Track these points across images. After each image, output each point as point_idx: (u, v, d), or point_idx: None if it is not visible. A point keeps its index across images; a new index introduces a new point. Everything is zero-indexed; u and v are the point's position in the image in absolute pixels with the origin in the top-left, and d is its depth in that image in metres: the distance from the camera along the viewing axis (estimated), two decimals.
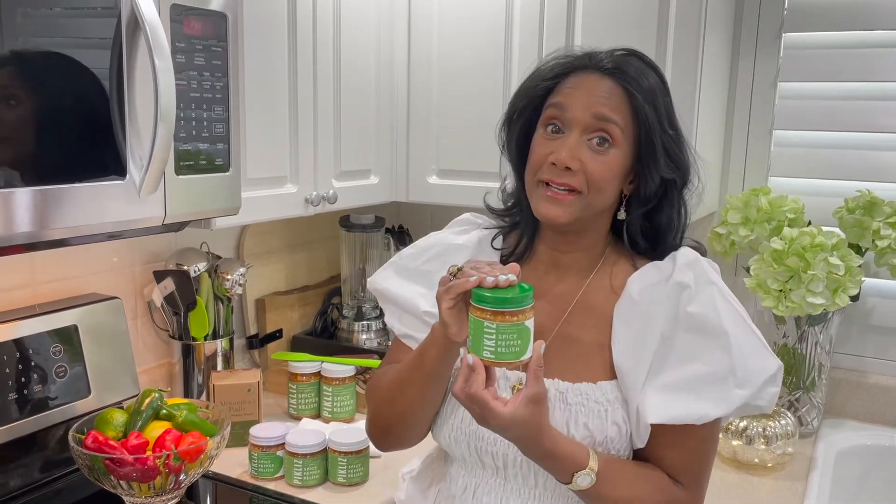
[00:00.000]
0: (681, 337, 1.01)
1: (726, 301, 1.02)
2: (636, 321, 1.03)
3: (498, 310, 0.89)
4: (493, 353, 0.91)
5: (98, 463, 1.22)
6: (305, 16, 1.61)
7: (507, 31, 1.79)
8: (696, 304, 1.00)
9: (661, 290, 1.03)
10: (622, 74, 1.01)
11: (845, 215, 1.77)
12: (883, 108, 1.81)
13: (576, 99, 1.01)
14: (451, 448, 1.12)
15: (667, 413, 0.99)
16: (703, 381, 0.99)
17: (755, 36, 1.91)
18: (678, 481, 1.04)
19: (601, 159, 1.00)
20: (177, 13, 1.18)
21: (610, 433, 1.02)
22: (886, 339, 1.88)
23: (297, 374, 1.81)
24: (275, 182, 1.59)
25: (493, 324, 0.90)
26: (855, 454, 1.74)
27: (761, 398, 1.00)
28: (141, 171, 1.13)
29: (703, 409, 0.98)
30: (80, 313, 1.50)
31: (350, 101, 1.77)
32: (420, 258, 1.19)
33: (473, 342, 0.92)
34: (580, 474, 0.97)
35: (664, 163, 1.02)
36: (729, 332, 0.99)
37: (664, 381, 1.00)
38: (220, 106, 1.27)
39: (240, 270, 1.77)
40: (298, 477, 1.48)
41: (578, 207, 1.02)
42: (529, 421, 0.92)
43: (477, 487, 1.10)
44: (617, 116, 1.00)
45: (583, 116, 1.00)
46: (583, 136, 1.01)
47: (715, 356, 0.99)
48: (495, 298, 0.90)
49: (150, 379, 1.73)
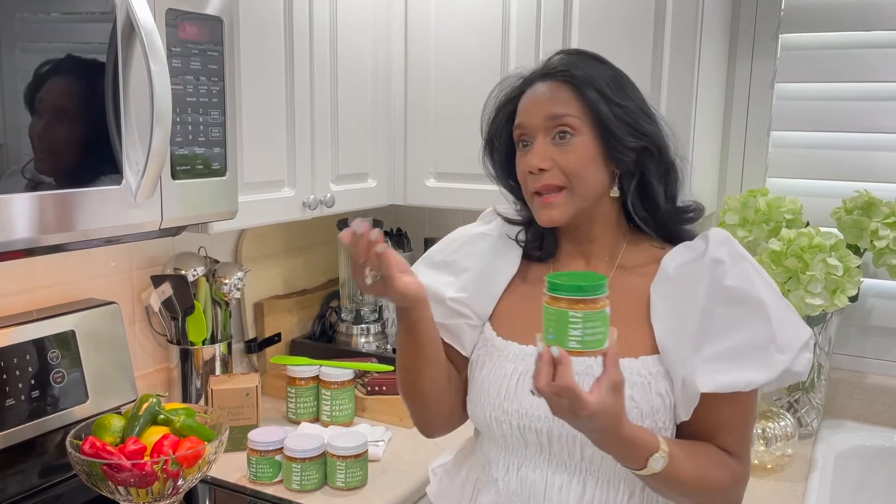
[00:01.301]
0: (720, 310, 1.04)
1: (759, 274, 1.07)
2: (675, 298, 1.06)
3: (583, 298, 0.88)
4: (579, 342, 0.89)
5: (96, 469, 1.22)
6: (302, 19, 1.61)
7: (504, 35, 1.79)
8: (731, 278, 1.04)
9: (696, 266, 1.06)
10: (560, 72, 1.09)
11: (843, 216, 1.77)
12: (880, 109, 1.81)
13: (530, 111, 1.10)
14: (492, 428, 1.13)
15: (716, 382, 1.02)
16: (746, 349, 1.03)
17: (752, 37, 1.91)
18: (729, 453, 1.07)
19: (568, 150, 1.07)
20: (172, 17, 1.18)
21: (655, 404, 1.05)
22: (886, 339, 1.88)
23: (295, 378, 1.80)
24: (272, 186, 1.58)
25: (578, 313, 0.88)
26: (855, 455, 1.74)
27: (798, 364, 1.04)
28: (137, 175, 1.13)
29: (749, 375, 1.02)
30: (78, 319, 1.50)
31: (347, 105, 1.77)
32: (445, 251, 1.24)
33: (556, 333, 0.90)
34: (654, 457, 0.97)
35: (627, 133, 1.07)
36: (766, 302, 1.03)
37: (709, 353, 1.03)
38: (217, 110, 1.27)
39: (238, 274, 1.77)
40: (297, 481, 1.48)
41: (570, 203, 1.08)
42: (612, 409, 0.93)
43: (520, 467, 1.12)
44: (567, 109, 1.07)
45: (538, 122, 1.08)
46: (546, 137, 1.08)
47: (755, 325, 1.03)
48: (576, 286, 0.89)
49: (149, 384, 1.72)
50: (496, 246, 1.21)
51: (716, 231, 1.10)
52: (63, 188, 1.06)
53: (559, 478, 1.09)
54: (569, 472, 1.08)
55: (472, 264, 1.20)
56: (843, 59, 1.83)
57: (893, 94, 1.80)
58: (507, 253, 1.20)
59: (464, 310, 1.18)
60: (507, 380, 1.11)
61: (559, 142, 1.07)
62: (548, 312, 0.91)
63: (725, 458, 1.06)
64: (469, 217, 2.19)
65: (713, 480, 1.04)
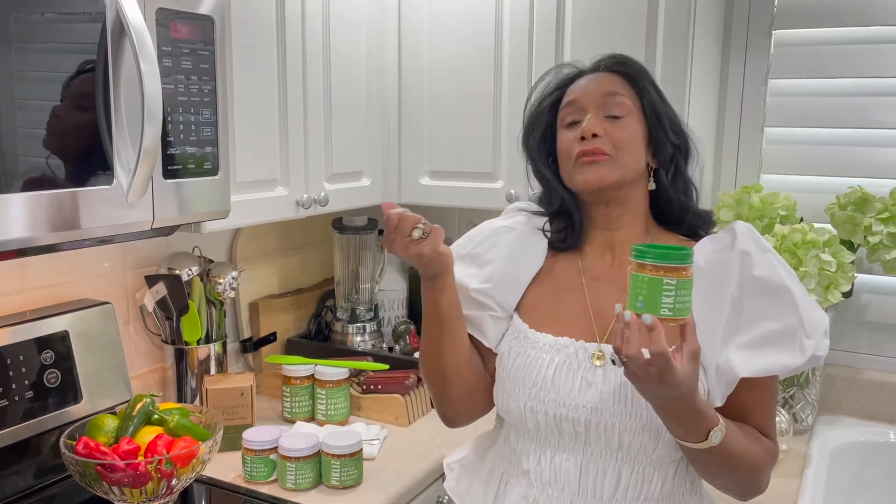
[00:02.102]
0: (750, 299, 1.08)
1: (782, 264, 1.12)
2: (705, 288, 1.09)
3: (675, 266, 0.90)
4: (671, 309, 0.91)
5: (89, 469, 1.22)
6: (294, 18, 1.61)
7: (497, 32, 1.79)
8: (759, 269, 1.09)
9: (725, 258, 1.11)
10: (617, 65, 1.16)
11: (837, 212, 1.77)
12: (874, 104, 1.82)
13: (584, 90, 1.15)
14: (525, 419, 1.13)
15: (754, 367, 1.06)
16: (778, 335, 1.07)
17: (745, 34, 1.91)
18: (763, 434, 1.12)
19: (620, 126, 1.12)
20: (163, 17, 1.18)
21: None
22: (880, 335, 1.88)
23: (290, 378, 1.80)
24: (265, 185, 1.58)
25: (672, 279, 0.90)
26: (849, 451, 1.74)
27: (821, 349, 1.09)
28: (128, 175, 1.13)
29: (784, 360, 1.07)
30: (72, 319, 1.50)
31: (340, 103, 1.77)
32: (469, 244, 1.25)
33: (648, 301, 0.91)
34: (715, 430, 1.01)
35: (670, 128, 1.15)
36: (793, 290, 1.08)
37: (743, 341, 1.08)
38: (208, 109, 1.27)
39: (232, 274, 1.77)
40: (291, 480, 1.48)
41: (614, 168, 1.11)
42: (692, 377, 0.95)
43: (553, 457, 1.12)
44: (624, 91, 1.14)
45: (594, 99, 1.13)
46: (598, 112, 1.13)
47: (784, 312, 1.08)
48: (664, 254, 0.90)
49: (144, 384, 1.72)
50: (521, 238, 1.23)
51: (740, 224, 1.14)
52: (54, 188, 1.05)
53: (594, 466, 1.10)
54: (604, 460, 1.10)
55: (497, 256, 1.21)
56: (837, 55, 1.83)
57: (887, 90, 1.80)
58: (532, 245, 1.22)
59: (488, 301, 1.19)
60: (544, 370, 1.12)
61: (612, 119, 1.12)
62: (638, 280, 0.91)
63: (762, 438, 1.11)
64: (465, 214, 2.20)
65: (757, 457, 1.08)
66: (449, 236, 1.14)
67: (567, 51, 1.71)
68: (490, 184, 1.86)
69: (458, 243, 1.26)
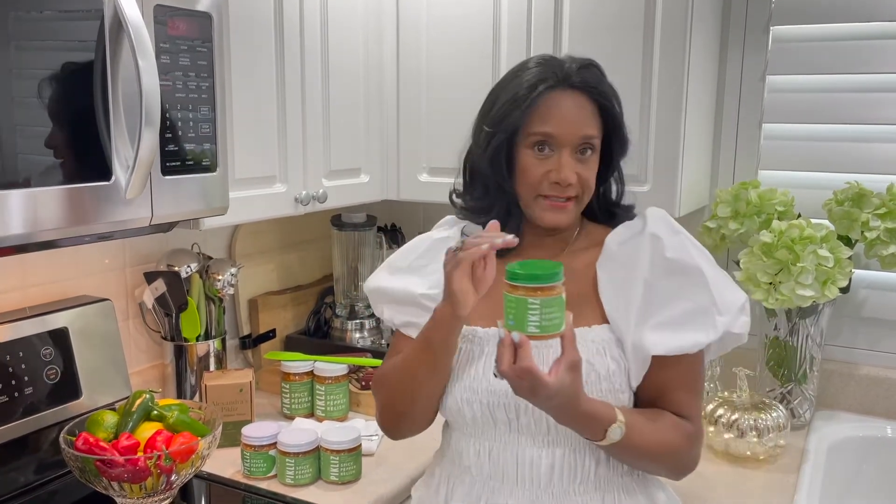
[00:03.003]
0: (662, 280, 1.13)
1: (694, 245, 1.16)
2: (619, 272, 1.16)
3: (540, 285, 0.95)
4: (538, 327, 0.96)
5: (89, 464, 1.22)
6: (292, 15, 1.61)
7: (496, 28, 1.80)
8: (670, 251, 1.13)
9: (636, 242, 1.16)
10: (591, 89, 1.15)
11: (834, 207, 1.77)
12: (871, 100, 1.82)
13: (563, 125, 1.13)
14: (463, 411, 1.15)
15: (665, 346, 1.10)
16: (690, 314, 1.12)
17: (743, 30, 1.91)
18: (682, 416, 1.15)
19: (588, 165, 1.16)
20: (161, 14, 1.18)
21: (611, 367, 1.12)
22: (877, 330, 1.89)
23: (289, 374, 1.81)
24: (264, 182, 1.59)
25: (536, 299, 0.95)
26: (847, 446, 1.74)
27: (737, 326, 1.13)
28: (127, 172, 1.13)
29: (695, 337, 1.11)
30: (71, 315, 1.50)
31: (339, 100, 1.77)
32: (409, 257, 1.27)
33: (516, 319, 0.96)
34: (612, 428, 1.05)
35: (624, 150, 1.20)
36: (704, 270, 1.13)
37: (656, 321, 1.12)
38: (206, 106, 1.27)
39: (231, 271, 1.77)
40: (290, 476, 1.48)
41: (577, 210, 1.18)
42: (570, 387, 0.99)
43: (491, 450, 1.16)
44: (595, 130, 1.15)
45: (571, 139, 1.14)
46: (572, 153, 1.15)
47: (696, 291, 1.12)
48: (533, 275, 0.95)
49: (143, 380, 1.73)
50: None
51: (653, 210, 1.20)
52: (53, 185, 1.06)
53: (528, 452, 1.13)
54: (537, 444, 1.13)
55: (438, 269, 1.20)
56: (835, 52, 1.83)
57: (885, 86, 1.80)
58: None
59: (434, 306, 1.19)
60: (474, 361, 1.16)
61: (581, 157, 1.15)
62: (507, 300, 0.97)
63: (679, 421, 1.14)
64: None
65: (670, 444, 1.13)
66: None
67: (565, 47, 1.72)
68: None
69: (395, 256, 1.30)
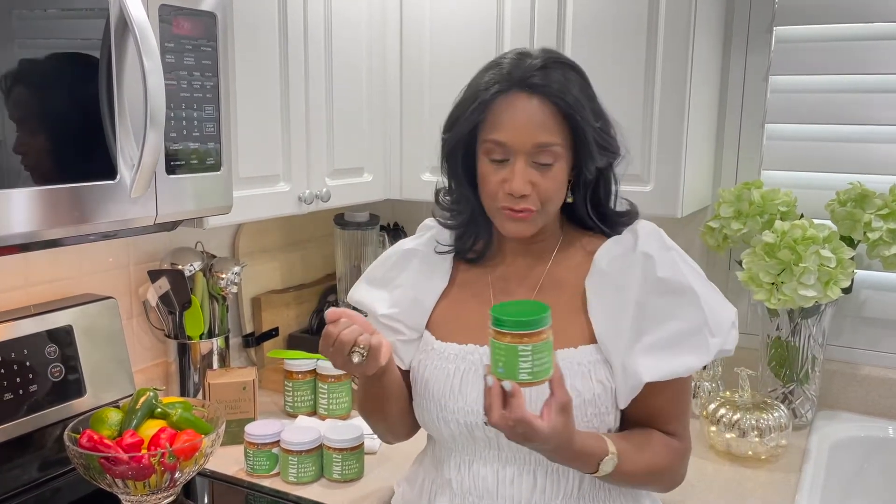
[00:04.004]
0: (654, 300, 1.09)
1: (686, 262, 1.12)
2: (609, 291, 1.11)
3: (529, 332, 0.91)
4: (530, 374, 0.93)
5: (93, 462, 1.23)
6: (296, 15, 1.61)
7: (499, 30, 1.80)
8: (662, 269, 1.09)
9: (628, 260, 1.11)
10: (550, 92, 1.05)
11: (837, 208, 1.77)
12: (874, 101, 1.82)
13: (515, 131, 1.06)
14: (440, 430, 1.15)
15: (658, 371, 1.07)
16: (682, 336, 1.08)
17: (746, 30, 1.91)
18: (670, 433, 1.13)
19: (549, 176, 1.08)
20: (166, 13, 1.18)
21: (596, 391, 1.09)
22: (879, 330, 1.89)
23: (292, 372, 1.81)
24: (267, 181, 1.59)
25: (528, 346, 0.91)
26: (848, 446, 1.75)
27: (728, 343, 1.10)
28: (132, 171, 1.13)
29: (688, 361, 1.08)
30: (75, 313, 1.51)
31: (342, 99, 1.77)
32: (384, 267, 1.28)
33: (506, 367, 0.93)
34: (605, 461, 1.04)
35: (599, 156, 1.10)
36: (696, 289, 1.09)
37: (647, 343, 1.08)
38: (211, 105, 1.28)
39: (234, 269, 1.78)
40: (293, 474, 1.49)
41: (541, 220, 1.12)
42: (563, 430, 0.97)
43: (471, 464, 1.14)
44: (555, 138, 1.06)
45: (524, 147, 1.06)
46: (528, 159, 1.07)
47: (688, 312, 1.08)
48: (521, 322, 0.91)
49: (147, 378, 1.73)
50: (426, 260, 1.24)
51: (644, 224, 1.15)
52: (58, 183, 1.06)
53: (510, 471, 1.11)
54: (518, 464, 1.11)
55: (405, 281, 1.23)
56: (838, 52, 1.83)
57: (888, 87, 1.80)
58: (436, 267, 1.23)
59: (396, 325, 1.21)
60: (451, 379, 1.13)
61: (539, 167, 1.07)
62: (496, 347, 0.93)
63: (669, 442, 1.13)
64: None
65: (661, 465, 1.12)
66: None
67: (568, 49, 1.72)
68: None
69: (374, 266, 1.30)
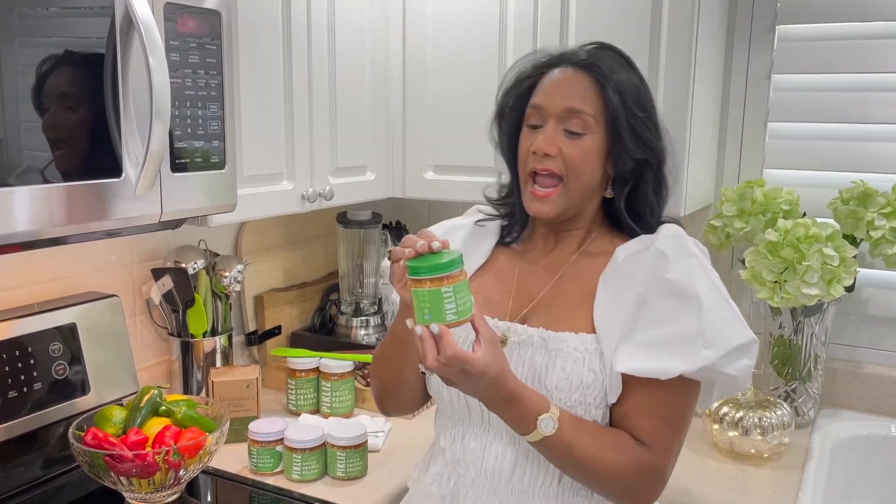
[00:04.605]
0: (657, 300, 1.07)
1: (704, 272, 1.08)
2: (616, 284, 1.11)
3: (447, 274, 0.95)
4: (455, 313, 0.96)
5: (98, 459, 1.23)
6: (300, 13, 1.61)
7: (502, 27, 1.80)
8: (673, 272, 1.07)
9: (642, 256, 1.11)
10: (592, 67, 1.11)
11: (840, 206, 1.77)
12: (877, 100, 1.82)
13: (551, 95, 1.12)
14: (442, 393, 1.18)
15: (633, 365, 1.05)
16: (673, 340, 1.05)
17: (749, 28, 1.91)
18: (642, 441, 1.08)
19: (576, 144, 1.10)
20: (171, 11, 1.18)
21: (586, 378, 1.08)
22: (882, 329, 1.89)
23: (295, 370, 1.82)
24: (271, 179, 1.59)
25: (449, 287, 0.95)
26: (851, 444, 1.75)
27: (731, 366, 1.05)
28: (137, 169, 1.13)
29: (668, 364, 1.04)
30: (79, 311, 1.51)
31: (345, 98, 1.77)
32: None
33: (432, 311, 0.96)
34: (543, 417, 1.02)
35: (633, 145, 1.10)
36: (702, 298, 1.05)
37: (638, 340, 1.07)
38: (215, 104, 1.28)
39: (237, 267, 1.78)
40: (297, 472, 1.49)
41: (563, 199, 1.12)
42: (497, 363, 1.00)
43: (464, 436, 1.17)
44: (587, 107, 1.09)
45: (555, 110, 1.10)
46: (558, 125, 1.11)
47: (686, 318, 1.05)
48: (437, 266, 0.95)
49: (150, 376, 1.73)
50: (470, 234, 1.27)
51: (668, 226, 1.14)
52: (63, 181, 1.06)
53: (495, 447, 1.13)
54: (504, 442, 1.13)
55: None
56: (841, 50, 1.83)
57: (890, 85, 1.80)
58: (479, 243, 1.26)
59: None
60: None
61: (570, 135, 1.10)
62: (420, 295, 0.97)
63: (630, 444, 1.07)
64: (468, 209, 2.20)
65: (612, 462, 1.05)
66: None
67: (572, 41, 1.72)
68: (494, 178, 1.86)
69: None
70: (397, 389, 1.25)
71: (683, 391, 1.08)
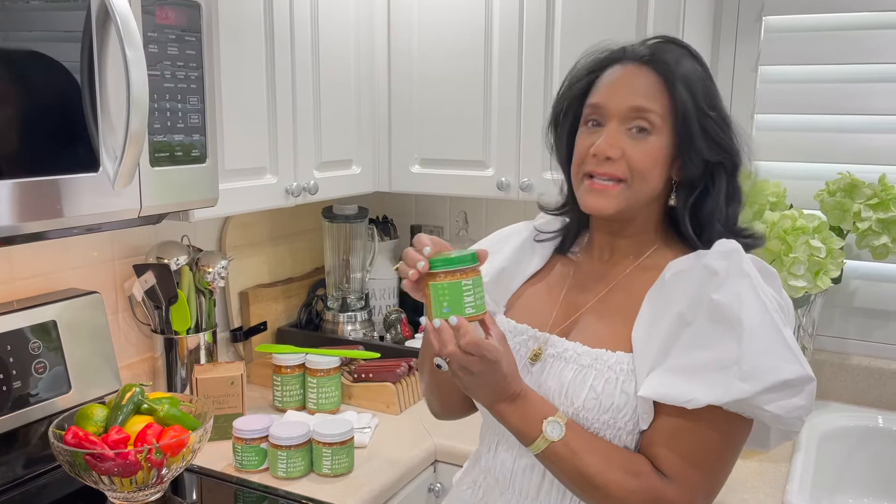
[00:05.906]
0: (698, 323, 0.97)
1: (756, 296, 0.96)
2: (660, 301, 1.02)
3: (463, 268, 0.95)
4: (473, 307, 0.96)
5: (79, 458, 1.21)
6: (282, 4, 1.59)
7: (487, 21, 1.79)
8: (721, 293, 0.96)
9: (690, 273, 1.01)
10: (657, 62, 1.02)
11: (826, 198, 1.77)
12: (864, 91, 1.82)
13: (612, 94, 1.03)
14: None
15: (657, 390, 0.97)
16: (705, 367, 0.95)
17: (736, 20, 1.90)
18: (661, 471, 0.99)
19: (641, 146, 1.01)
20: (149, 3, 1.17)
21: (617, 401, 1.00)
22: (869, 320, 1.89)
23: (281, 367, 1.80)
24: (254, 173, 1.57)
25: (469, 280, 0.95)
26: (838, 436, 1.75)
27: (774, 404, 0.93)
28: (115, 163, 1.12)
29: (694, 392, 0.94)
30: (59, 308, 1.49)
31: (330, 91, 1.76)
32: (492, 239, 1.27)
33: (451, 305, 0.96)
34: (549, 421, 0.99)
35: (705, 146, 1.01)
36: (745, 324, 0.94)
37: (671, 364, 0.98)
38: (195, 97, 1.26)
39: (221, 263, 1.76)
40: (283, 469, 1.48)
41: (624, 197, 1.02)
42: (507, 356, 0.98)
43: (499, 445, 1.14)
44: (654, 105, 1.01)
45: (619, 109, 1.02)
46: (621, 125, 1.02)
47: (725, 345, 0.95)
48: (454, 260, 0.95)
49: (133, 374, 1.72)
50: (524, 243, 1.22)
51: (724, 241, 1.02)
52: (38, 175, 1.04)
53: (523, 462, 1.10)
54: (532, 458, 1.05)
55: (500, 256, 1.21)
56: (827, 42, 1.83)
57: (877, 76, 1.80)
58: (533, 252, 1.21)
59: None
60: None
61: (634, 135, 1.01)
62: (439, 289, 0.96)
63: (647, 470, 0.99)
64: (455, 202, 2.20)
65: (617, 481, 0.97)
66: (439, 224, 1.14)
67: (557, 35, 1.71)
68: (480, 172, 1.86)
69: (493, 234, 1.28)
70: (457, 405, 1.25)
71: (716, 425, 0.97)
